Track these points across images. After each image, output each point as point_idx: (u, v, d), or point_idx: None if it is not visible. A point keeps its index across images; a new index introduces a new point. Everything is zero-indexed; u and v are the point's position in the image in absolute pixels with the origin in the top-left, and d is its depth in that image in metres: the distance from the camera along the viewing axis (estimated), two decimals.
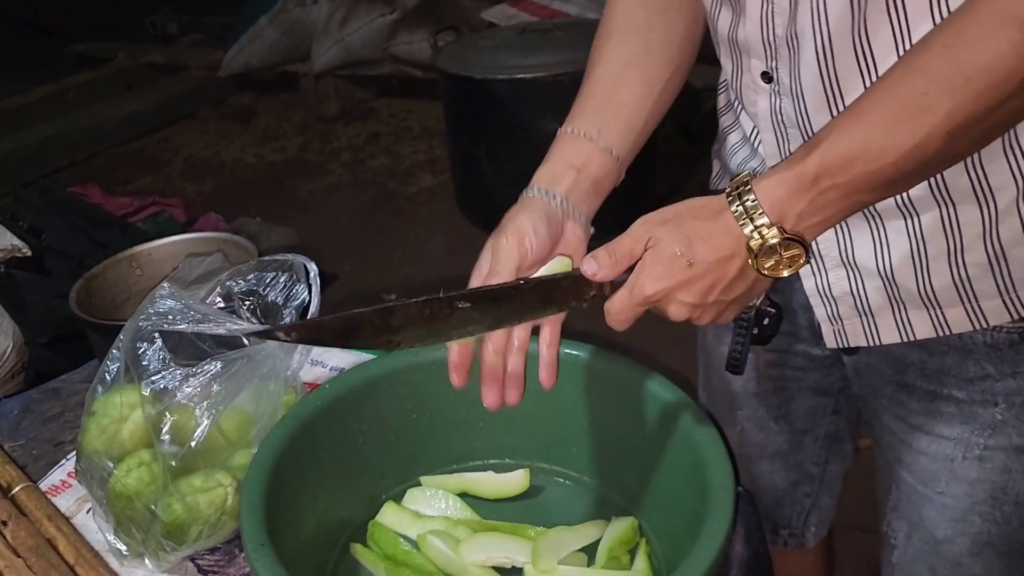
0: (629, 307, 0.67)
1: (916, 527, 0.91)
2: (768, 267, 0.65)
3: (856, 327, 0.84)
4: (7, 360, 1.64)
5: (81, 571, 0.81)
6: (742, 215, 0.64)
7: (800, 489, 1.10)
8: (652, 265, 0.66)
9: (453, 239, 2.97)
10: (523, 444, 0.98)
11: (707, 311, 0.68)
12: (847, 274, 0.81)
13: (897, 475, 0.91)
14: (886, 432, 0.91)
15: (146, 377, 0.89)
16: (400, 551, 0.87)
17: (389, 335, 0.69)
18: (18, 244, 1.62)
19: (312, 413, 0.89)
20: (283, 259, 1.03)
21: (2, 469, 0.94)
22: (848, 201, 0.64)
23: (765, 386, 1.02)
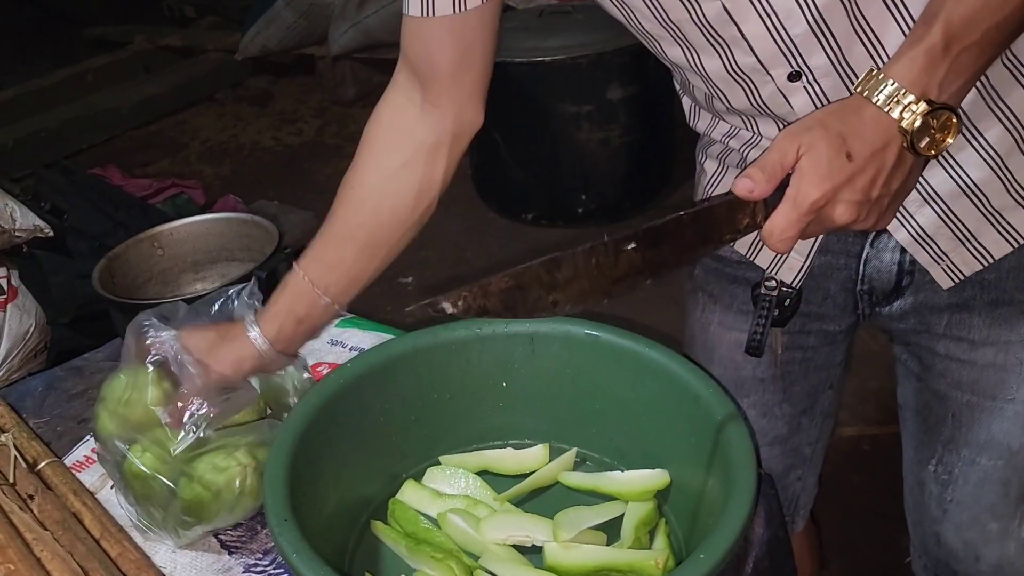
0: (795, 220, 0.64)
1: (985, 447, 0.91)
2: (924, 145, 0.64)
3: (964, 255, 0.84)
4: (30, 339, 1.66)
5: (106, 545, 0.82)
6: (887, 101, 0.63)
7: (794, 472, 1.11)
8: (811, 169, 0.63)
9: (470, 222, 2.97)
10: (542, 424, 0.98)
11: (872, 209, 0.66)
12: (935, 208, 0.81)
13: (956, 402, 0.91)
14: (940, 360, 0.91)
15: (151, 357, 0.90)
16: (420, 529, 0.88)
17: (555, 293, 0.67)
18: (40, 224, 1.63)
19: (334, 392, 0.89)
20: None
21: (28, 445, 0.95)
22: (984, 58, 0.64)
23: (772, 370, 1.02)
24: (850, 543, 1.75)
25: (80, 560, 0.74)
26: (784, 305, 0.90)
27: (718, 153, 0.94)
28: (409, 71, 0.88)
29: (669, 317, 2.39)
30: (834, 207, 0.64)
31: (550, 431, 0.98)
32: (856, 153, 0.63)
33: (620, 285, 0.69)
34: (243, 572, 0.87)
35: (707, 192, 0.99)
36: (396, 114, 0.89)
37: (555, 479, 0.94)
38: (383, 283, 3.02)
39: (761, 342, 0.91)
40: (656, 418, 0.90)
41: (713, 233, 0.68)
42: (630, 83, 2.68)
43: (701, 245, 0.68)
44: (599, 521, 0.86)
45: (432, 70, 0.85)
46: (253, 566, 0.88)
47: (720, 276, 1.02)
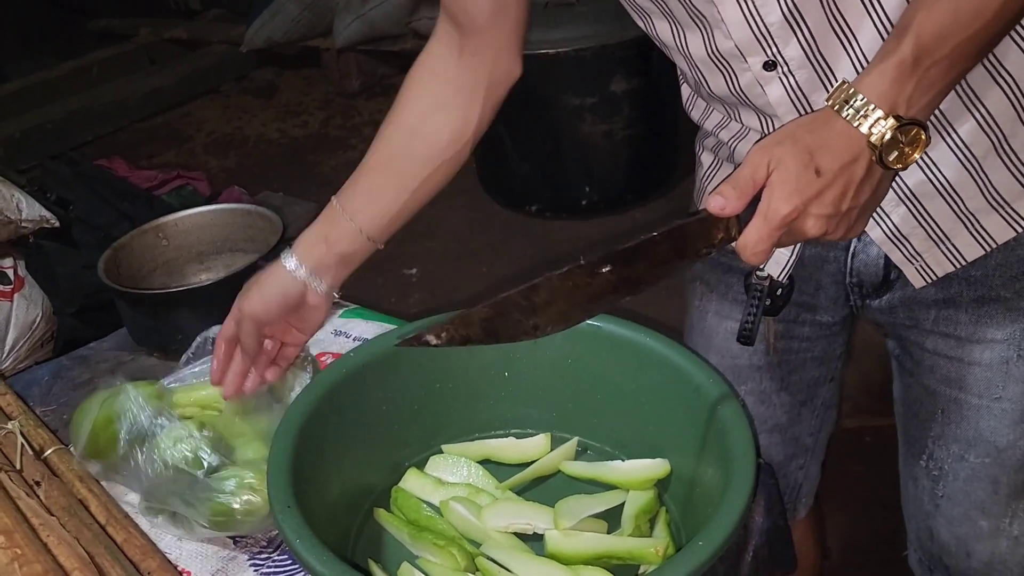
0: (766, 234, 0.66)
1: (973, 443, 0.91)
2: (893, 159, 0.65)
3: (937, 255, 0.84)
4: (37, 329, 1.66)
5: (112, 531, 0.83)
6: (855, 116, 0.64)
7: (795, 461, 1.11)
8: (781, 185, 0.65)
9: (473, 214, 2.97)
10: (544, 414, 0.98)
11: (841, 221, 0.67)
12: (909, 208, 0.82)
13: (944, 398, 0.92)
14: (929, 356, 0.92)
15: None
16: (423, 516, 0.89)
17: (535, 317, 0.69)
18: (46, 215, 1.63)
19: (337, 381, 0.90)
20: None
21: (34, 432, 0.96)
22: (952, 74, 0.65)
23: (769, 359, 1.02)
24: (851, 534, 1.75)
25: (86, 545, 0.75)
26: (776, 295, 0.91)
27: (712, 145, 0.95)
28: (448, 21, 0.90)
29: (670, 309, 2.39)
30: (804, 220, 0.66)
31: (551, 420, 0.98)
32: (825, 168, 0.64)
33: (598, 304, 0.71)
34: (248, 560, 0.88)
35: (704, 185, 1.00)
36: (435, 61, 0.92)
37: (556, 468, 0.95)
38: (387, 274, 3.01)
39: (752, 331, 0.92)
40: (657, 408, 0.90)
41: (688, 249, 0.70)
42: (634, 76, 2.68)
43: (677, 260, 0.70)
44: (600, 509, 0.86)
45: (469, 19, 0.88)
46: (258, 554, 0.88)
47: (716, 265, 1.02)
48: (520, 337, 0.70)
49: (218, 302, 1.18)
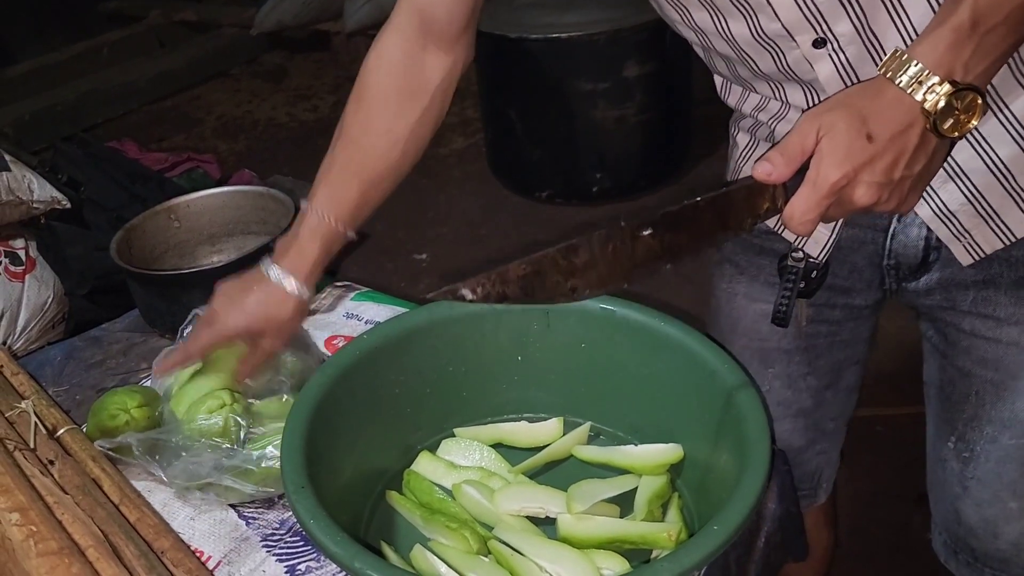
0: (815, 202, 0.64)
1: (1007, 425, 0.91)
2: (948, 127, 0.63)
3: (986, 233, 0.83)
4: (48, 310, 1.67)
5: (125, 510, 0.83)
6: (909, 82, 0.62)
7: (816, 446, 1.11)
8: (831, 151, 0.63)
9: (484, 200, 2.96)
10: (557, 398, 0.98)
11: (894, 192, 0.65)
12: (958, 185, 0.80)
13: (980, 379, 0.91)
14: (966, 337, 0.91)
15: None
16: (435, 499, 0.88)
17: (573, 279, 0.67)
18: (58, 196, 1.63)
19: (350, 363, 0.90)
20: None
21: (47, 412, 0.97)
22: (1010, 39, 0.63)
23: (798, 342, 1.02)
24: (862, 523, 1.75)
25: (100, 524, 0.75)
26: (811, 277, 0.90)
27: (749, 127, 0.94)
28: (408, 13, 0.92)
29: (685, 293, 2.38)
30: (855, 189, 0.64)
31: (564, 405, 0.98)
32: (877, 134, 0.63)
33: (639, 270, 0.69)
34: (260, 542, 0.88)
35: (739, 166, 0.98)
36: (394, 56, 0.93)
37: (569, 452, 0.95)
38: (398, 259, 3.00)
39: (787, 313, 0.91)
40: (670, 393, 0.90)
41: (732, 218, 0.67)
42: (647, 61, 2.66)
43: (720, 230, 0.68)
44: (612, 494, 0.86)
45: (431, 13, 0.90)
46: (270, 535, 0.89)
47: (747, 247, 1.01)
48: (558, 299, 0.68)
49: None
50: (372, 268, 2.65)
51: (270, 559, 0.86)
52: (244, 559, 0.86)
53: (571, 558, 0.79)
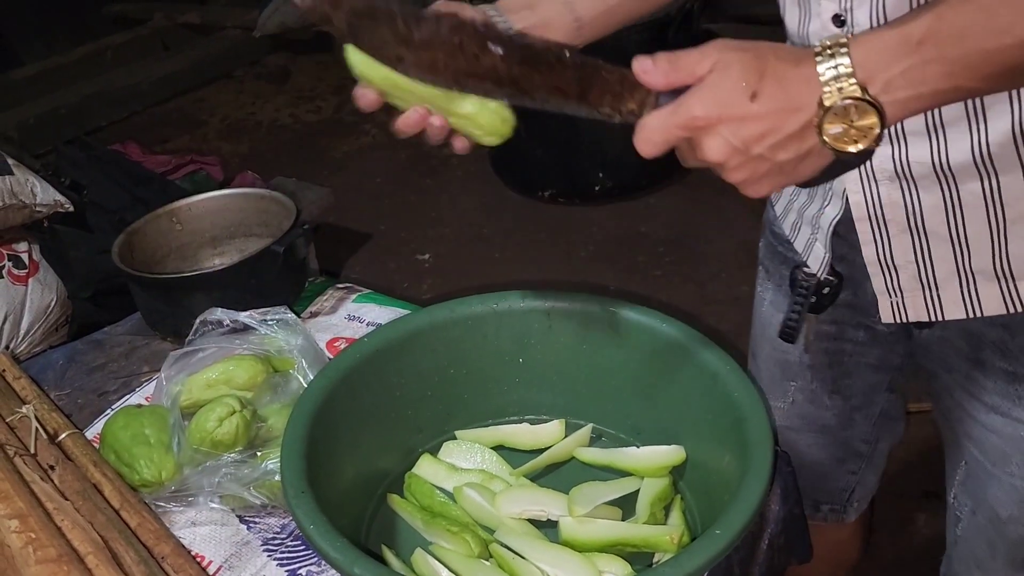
0: (666, 127, 0.60)
1: (981, 504, 0.89)
2: (833, 134, 0.57)
3: (917, 300, 0.79)
4: (51, 313, 1.67)
5: (126, 515, 0.83)
6: (827, 70, 0.56)
7: (846, 466, 1.08)
8: (709, 87, 0.58)
9: (486, 199, 2.96)
10: (559, 400, 0.98)
11: (745, 165, 0.59)
12: (913, 240, 0.76)
13: (966, 451, 0.89)
14: (956, 407, 0.88)
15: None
16: (436, 502, 0.88)
17: (403, 48, 0.62)
18: (60, 200, 1.63)
19: (351, 366, 0.89)
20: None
21: (49, 417, 0.96)
22: (948, 82, 0.56)
23: (820, 359, 0.99)
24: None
25: (100, 529, 0.75)
26: (822, 292, 0.87)
27: None
28: None
29: (686, 294, 2.38)
30: (709, 137, 0.59)
31: (566, 407, 0.98)
32: (763, 98, 0.57)
33: (473, 83, 0.64)
34: (261, 545, 0.88)
35: None
36: None
37: (571, 454, 0.94)
38: (400, 259, 3.00)
39: (796, 328, 0.88)
40: (672, 395, 0.89)
41: (593, 93, 0.62)
42: None
43: (576, 99, 0.63)
44: (614, 496, 0.86)
45: None
46: (271, 539, 0.88)
47: (774, 253, 0.99)
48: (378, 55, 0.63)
49: (230, 286, 1.18)
50: (375, 268, 2.65)
51: (271, 563, 0.86)
52: (245, 564, 0.85)
53: (572, 561, 0.78)
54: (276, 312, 1.05)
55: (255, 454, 0.91)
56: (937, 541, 1.66)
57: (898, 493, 1.76)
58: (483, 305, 0.95)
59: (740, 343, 1.15)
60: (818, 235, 0.85)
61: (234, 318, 1.05)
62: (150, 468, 0.90)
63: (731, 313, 2.26)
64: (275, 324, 1.03)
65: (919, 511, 1.71)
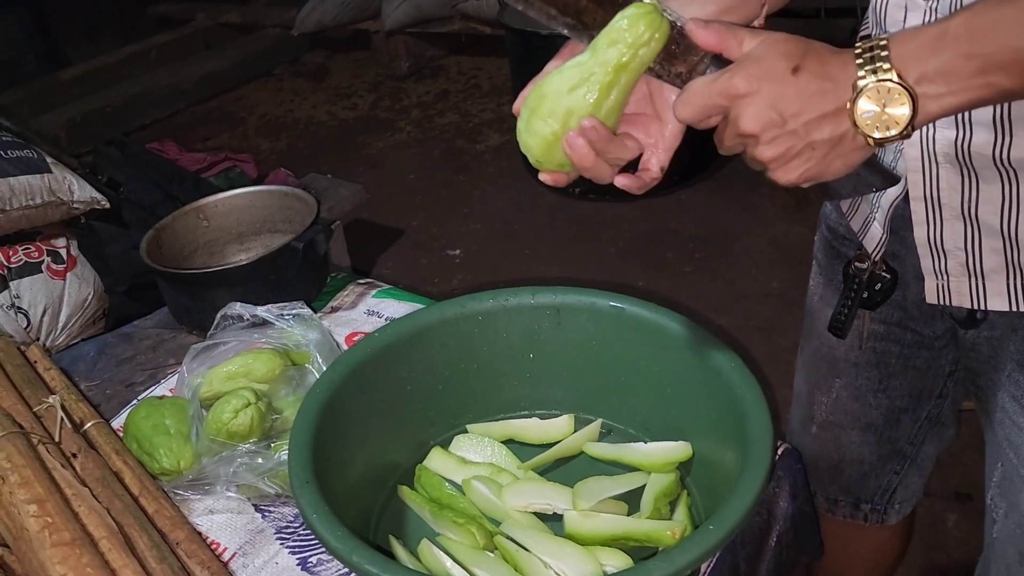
0: (708, 92, 0.60)
1: (1013, 508, 0.88)
2: (864, 114, 0.58)
3: (962, 286, 0.80)
4: (89, 307, 1.72)
5: (144, 502, 0.86)
6: (865, 58, 0.58)
7: (888, 466, 1.06)
8: (756, 60, 0.59)
9: (518, 196, 2.97)
10: (568, 395, 0.98)
11: (778, 140, 0.59)
12: (965, 228, 0.77)
13: (1004, 454, 0.88)
14: (999, 410, 0.87)
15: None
16: (445, 494, 0.89)
17: None
18: (97, 197, 1.68)
19: (362, 360, 0.91)
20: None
21: (75, 407, 1.00)
22: (982, 78, 0.57)
23: (867, 357, 0.98)
24: None
25: (116, 516, 0.78)
26: (874, 288, 0.87)
27: None
28: None
29: (716, 291, 2.36)
30: (748, 106, 0.59)
31: (576, 402, 0.98)
32: (803, 72, 0.58)
33: (539, 3, 0.65)
34: (275, 534, 0.90)
35: None
36: None
37: (580, 449, 0.95)
38: (432, 255, 3.02)
39: (845, 323, 0.88)
40: (680, 391, 0.90)
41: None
42: None
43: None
44: (619, 491, 0.86)
45: None
46: (284, 528, 0.91)
47: (827, 247, 0.99)
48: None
49: (252, 281, 1.21)
50: (406, 264, 2.68)
51: (283, 551, 0.88)
52: (258, 551, 0.88)
53: (575, 555, 0.79)
54: (293, 307, 1.07)
55: (269, 445, 0.93)
56: (966, 542, 1.63)
57: (929, 492, 1.73)
58: (494, 301, 0.96)
59: (770, 339, 1.15)
60: (876, 214, 0.85)
61: (253, 313, 1.07)
62: (169, 457, 0.93)
63: (761, 309, 2.24)
64: (291, 319, 1.05)
65: (950, 511, 1.68)
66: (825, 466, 1.07)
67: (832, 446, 1.05)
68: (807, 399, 1.07)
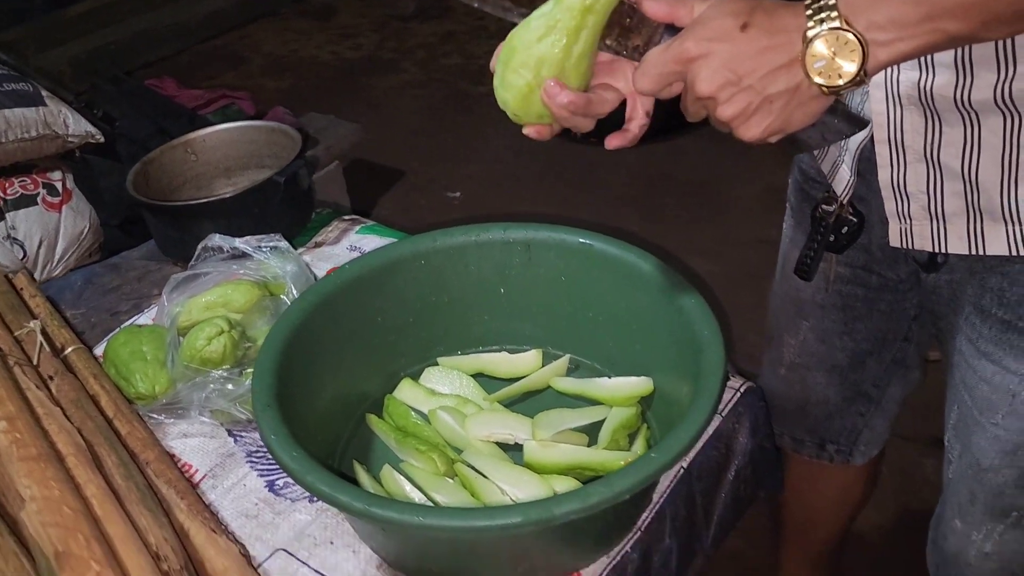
0: (663, 61, 0.60)
1: (966, 450, 0.90)
2: (816, 64, 0.57)
3: (924, 229, 0.81)
4: (85, 239, 1.74)
5: (118, 424, 0.88)
6: (815, 11, 0.57)
7: (853, 407, 1.09)
8: (704, 22, 0.60)
9: (519, 140, 2.92)
10: (538, 331, 1.00)
11: (735, 98, 0.59)
12: (927, 171, 0.78)
13: (960, 396, 0.90)
14: (956, 352, 0.89)
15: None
16: (411, 423, 0.92)
17: None
18: (92, 131, 1.69)
19: (332, 291, 0.93)
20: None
21: (58, 332, 1.02)
22: (928, 25, 0.57)
23: (832, 299, 1.00)
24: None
25: (88, 435, 0.80)
26: (841, 232, 0.88)
27: None
28: None
29: (711, 237, 2.35)
30: (701, 69, 0.59)
31: (544, 337, 1.00)
32: (752, 28, 0.58)
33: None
34: (245, 457, 0.93)
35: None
36: None
37: (546, 384, 0.97)
38: (430, 196, 3.01)
39: (811, 265, 0.89)
40: (643, 327, 0.91)
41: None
42: None
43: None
44: (578, 423, 0.88)
45: None
46: (254, 452, 0.93)
47: (797, 189, 1.00)
48: None
49: (236, 215, 1.22)
50: (405, 204, 2.68)
51: (252, 474, 0.91)
52: (228, 473, 0.91)
53: (531, 482, 0.81)
54: (271, 239, 1.08)
55: (242, 372, 0.95)
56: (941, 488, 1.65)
57: (907, 437, 1.75)
58: (465, 236, 0.97)
59: (760, 285, 1.15)
60: (844, 156, 0.86)
61: (232, 245, 1.09)
62: (145, 382, 0.96)
63: (754, 256, 2.24)
64: (269, 251, 1.07)
65: (927, 457, 1.70)
66: (792, 407, 1.09)
67: (799, 387, 1.07)
68: (776, 341, 1.08)
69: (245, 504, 0.87)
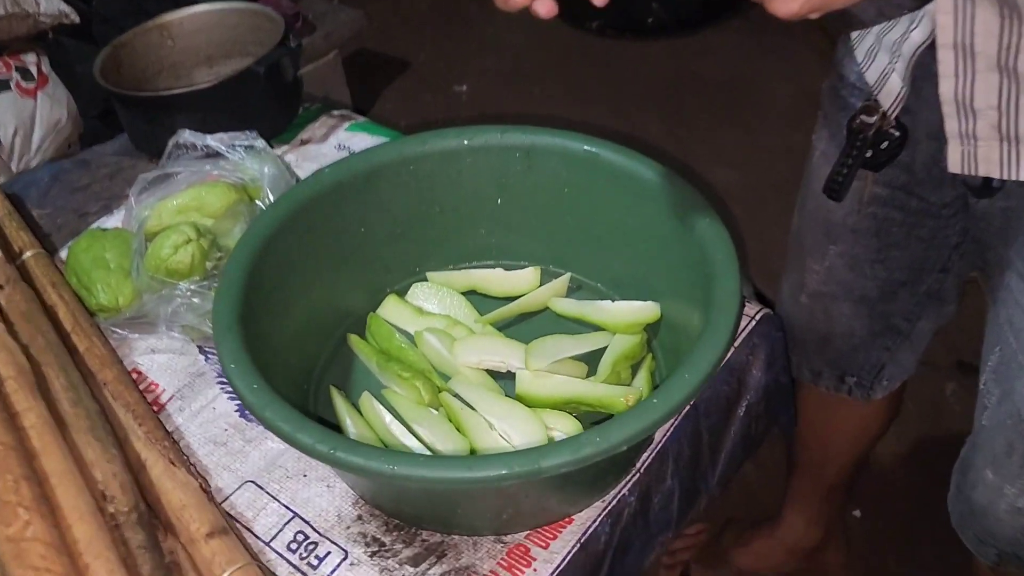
0: None
1: (1007, 396, 0.81)
2: None
3: (992, 152, 0.69)
4: (63, 129, 1.64)
5: (76, 339, 0.81)
6: None
7: (879, 341, 0.99)
8: None
9: (532, 33, 2.78)
10: (537, 246, 0.91)
11: None
12: (1000, 82, 0.65)
13: (1004, 337, 0.80)
14: (1003, 288, 0.79)
15: None
16: (395, 346, 0.84)
17: None
18: (65, 10, 1.56)
19: (308, 198, 0.83)
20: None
21: (15, 235, 0.94)
22: None
23: (866, 223, 0.89)
24: None
25: (36, 354, 0.73)
26: (879, 148, 0.77)
27: None
28: None
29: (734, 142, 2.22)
30: None
31: (544, 254, 0.91)
32: None
33: None
34: (216, 378, 0.86)
35: None
36: None
37: (544, 305, 0.89)
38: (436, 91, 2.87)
39: (843, 184, 0.78)
40: (652, 246, 0.82)
41: None
42: None
43: None
44: (576, 352, 0.80)
45: None
46: None
47: (835, 96, 0.88)
48: None
49: (214, 108, 1.12)
50: (410, 99, 2.55)
51: (222, 396, 0.84)
52: (196, 394, 0.84)
53: (522, 416, 0.74)
54: (246, 137, 0.98)
55: (211, 286, 0.87)
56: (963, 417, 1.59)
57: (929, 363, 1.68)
58: (458, 139, 0.87)
59: (785, 197, 1.04)
60: (897, 64, 0.74)
61: (203, 142, 0.99)
62: (107, 293, 0.88)
63: (780, 165, 2.10)
64: (243, 150, 0.97)
65: (949, 380, 1.63)
66: (812, 338, 1.00)
67: (821, 317, 0.98)
68: (798, 266, 0.98)
69: (213, 430, 0.80)
